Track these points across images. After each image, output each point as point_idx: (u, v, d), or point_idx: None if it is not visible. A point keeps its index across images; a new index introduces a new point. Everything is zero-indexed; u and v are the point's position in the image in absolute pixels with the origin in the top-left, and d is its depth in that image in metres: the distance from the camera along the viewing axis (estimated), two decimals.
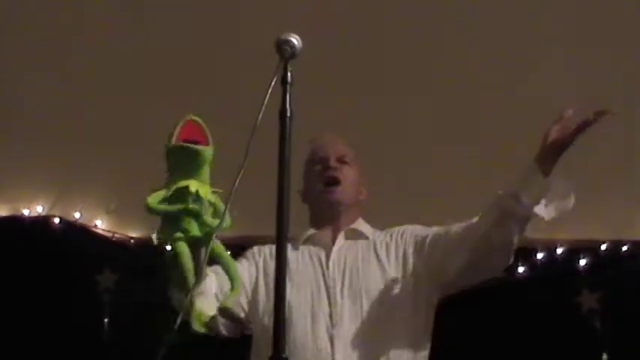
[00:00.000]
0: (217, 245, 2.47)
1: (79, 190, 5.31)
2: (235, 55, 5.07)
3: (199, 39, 5.18)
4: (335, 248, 2.97)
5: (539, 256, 5.08)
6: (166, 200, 2.49)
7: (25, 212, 5.28)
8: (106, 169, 5.28)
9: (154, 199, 2.47)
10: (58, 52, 5.22)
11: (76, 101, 5.27)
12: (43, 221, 5.25)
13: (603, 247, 5.08)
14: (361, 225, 3.09)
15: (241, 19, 5.05)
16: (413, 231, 3.06)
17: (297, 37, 2.35)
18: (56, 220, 5.25)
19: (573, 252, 5.10)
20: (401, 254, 2.96)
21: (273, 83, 2.30)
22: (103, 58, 5.23)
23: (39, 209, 5.28)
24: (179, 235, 2.38)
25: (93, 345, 5.00)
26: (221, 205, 2.43)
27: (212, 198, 2.47)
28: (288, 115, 2.33)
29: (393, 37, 5.15)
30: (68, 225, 5.25)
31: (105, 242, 5.27)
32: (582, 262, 5.07)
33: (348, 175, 3.05)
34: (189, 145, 2.47)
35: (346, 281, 2.89)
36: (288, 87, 2.34)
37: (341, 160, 3.07)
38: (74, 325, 5.05)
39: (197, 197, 2.45)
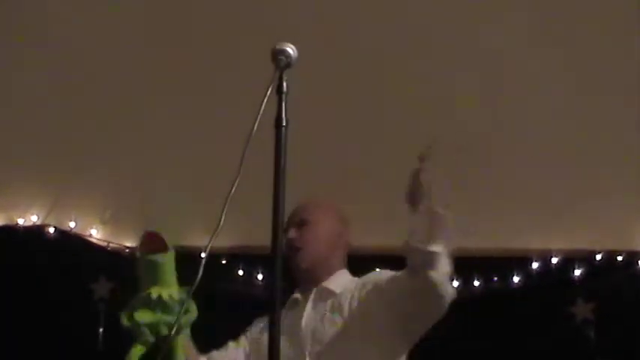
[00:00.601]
0: (179, 343, 2.67)
1: (74, 199, 5.33)
2: (232, 65, 5.10)
3: (195, 50, 5.20)
4: (305, 313, 3.01)
5: (534, 265, 5.09)
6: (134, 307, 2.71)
7: (20, 221, 5.30)
8: (102, 179, 5.30)
9: (125, 316, 2.69)
10: (55, 63, 5.24)
11: (71, 111, 5.29)
12: (37, 230, 5.26)
13: (598, 257, 5.09)
14: (333, 281, 3.09)
15: (238, 28, 5.07)
16: (375, 280, 3.04)
17: (292, 46, 2.36)
18: (51, 230, 5.26)
19: (568, 262, 5.12)
20: (364, 309, 2.95)
21: (268, 93, 2.31)
22: (100, 70, 5.25)
23: (33, 218, 5.30)
24: (146, 338, 2.56)
25: (88, 353, 5.02)
26: (189, 302, 2.63)
27: (176, 296, 2.65)
28: (284, 124, 2.34)
29: (392, 43, 5.18)
30: (63, 234, 5.26)
31: (100, 251, 5.28)
32: (577, 272, 5.08)
33: (307, 237, 3.08)
34: (148, 257, 2.69)
35: (314, 345, 2.93)
36: (283, 96, 2.35)
37: (301, 224, 3.10)
38: (69, 333, 5.06)
39: (159, 300, 2.64)
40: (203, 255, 2.61)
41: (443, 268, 2.69)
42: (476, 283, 5.08)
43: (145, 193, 5.22)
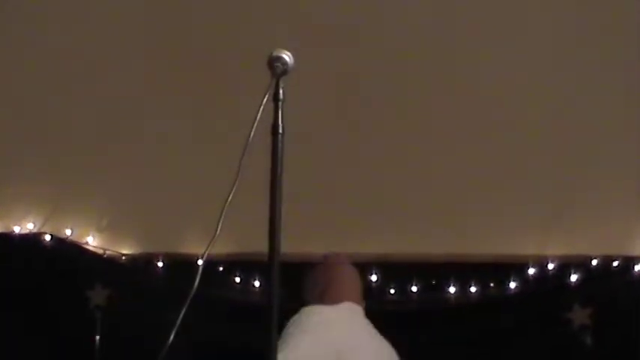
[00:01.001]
0: None
1: (70, 208, 5.32)
2: (229, 72, 5.10)
3: (192, 58, 5.21)
4: None
5: (531, 271, 5.08)
6: None
7: (16, 229, 5.28)
8: (98, 187, 5.30)
9: None
10: (54, 71, 5.26)
11: (67, 119, 5.31)
12: (34, 238, 5.24)
13: (594, 262, 5.08)
14: None
15: (235, 35, 5.07)
16: None
17: (288, 53, 2.37)
18: (47, 237, 5.24)
19: (565, 267, 5.10)
20: None
21: (265, 100, 2.33)
22: (98, 79, 5.30)
23: (30, 226, 5.28)
24: None
25: None
26: None
27: None
28: (280, 131, 2.35)
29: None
30: (59, 242, 5.24)
31: (96, 258, 5.25)
32: (573, 277, 5.06)
33: None
34: None
35: None
36: (280, 103, 2.37)
37: None
38: (66, 341, 5.06)
39: None
40: (200, 262, 2.64)
41: None
42: (472, 289, 5.07)
43: (142, 200, 5.24)
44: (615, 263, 5.06)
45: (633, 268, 5.03)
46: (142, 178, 5.20)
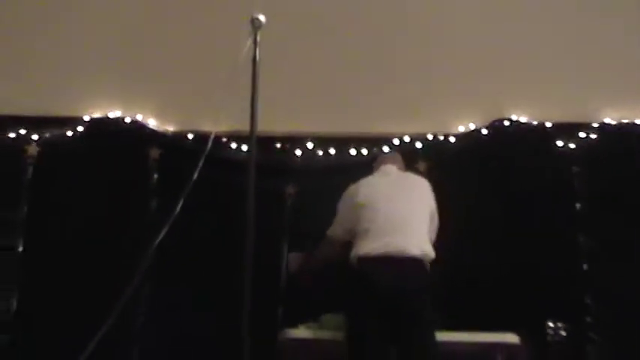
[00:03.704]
0: None
1: (139, 99, 5.37)
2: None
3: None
4: None
5: (396, 142, 5.12)
6: None
7: (110, 115, 5.38)
8: (160, 88, 5.30)
9: None
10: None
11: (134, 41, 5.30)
12: (122, 120, 5.40)
13: (430, 137, 5.12)
14: None
15: None
16: None
17: (262, 15, 2.85)
18: (127, 120, 5.43)
19: (413, 139, 5.14)
20: None
21: (249, 43, 2.85)
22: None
23: (118, 113, 5.42)
24: None
25: (141, 190, 5.21)
26: None
27: None
28: (257, 59, 2.87)
29: None
30: (135, 123, 5.43)
31: (154, 132, 5.42)
32: (418, 144, 5.10)
33: None
34: None
35: None
36: (257, 45, 2.88)
37: None
38: (130, 183, 5.22)
39: None
40: (212, 136, 3.14)
41: None
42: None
43: (180, 97, 5.22)
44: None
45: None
46: (178, 81, 5.19)
